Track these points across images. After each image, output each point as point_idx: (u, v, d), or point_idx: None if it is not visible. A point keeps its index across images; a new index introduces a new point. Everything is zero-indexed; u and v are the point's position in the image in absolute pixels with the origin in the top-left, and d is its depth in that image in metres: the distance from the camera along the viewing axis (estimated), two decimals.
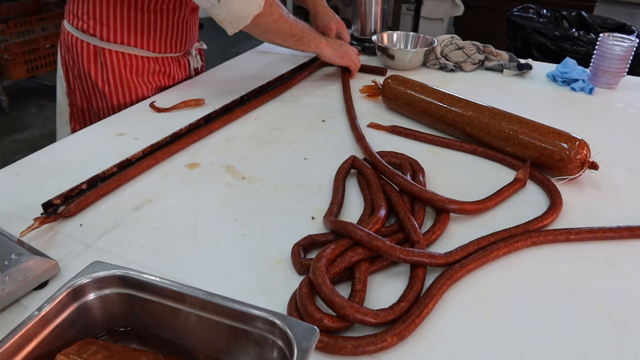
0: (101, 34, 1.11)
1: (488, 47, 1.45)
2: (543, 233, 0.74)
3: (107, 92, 1.16)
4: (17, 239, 0.67)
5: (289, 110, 1.15)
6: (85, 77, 1.16)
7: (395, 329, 0.57)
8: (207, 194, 0.83)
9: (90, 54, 1.13)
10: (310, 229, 0.75)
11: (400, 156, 0.92)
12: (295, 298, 0.61)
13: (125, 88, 1.17)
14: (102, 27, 1.11)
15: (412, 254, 0.65)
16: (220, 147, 0.98)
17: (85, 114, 1.23)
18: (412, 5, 3.47)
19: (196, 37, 1.31)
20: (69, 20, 1.15)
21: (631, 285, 0.68)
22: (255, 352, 0.49)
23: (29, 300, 0.61)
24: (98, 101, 1.18)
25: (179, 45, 1.22)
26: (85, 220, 0.76)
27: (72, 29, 1.14)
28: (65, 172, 0.86)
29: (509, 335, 0.59)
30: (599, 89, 1.31)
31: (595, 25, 2.65)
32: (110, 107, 1.18)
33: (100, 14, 1.10)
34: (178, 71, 1.26)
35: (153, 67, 1.19)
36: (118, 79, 1.15)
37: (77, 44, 1.14)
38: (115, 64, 1.14)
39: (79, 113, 1.23)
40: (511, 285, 0.67)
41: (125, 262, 0.67)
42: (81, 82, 1.18)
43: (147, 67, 1.18)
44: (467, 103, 1.00)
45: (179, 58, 1.26)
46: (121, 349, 0.50)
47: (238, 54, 1.54)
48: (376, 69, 1.38)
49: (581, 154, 0.85)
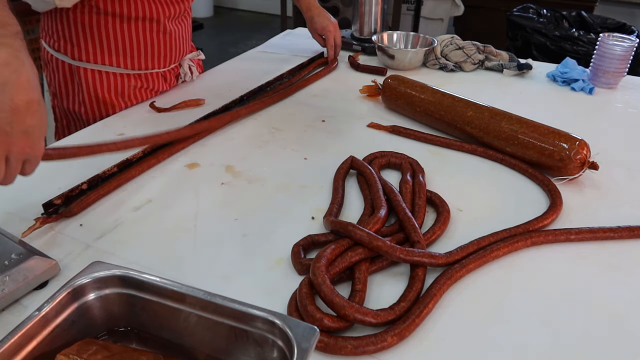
0: (72, 53, 1.04)
1: (488, 47, 1.45)
2: (543, 233, 0.74)
3: (83, 114, 1.09)
4: (17, 239, 0.67)
5: (289, 110, 1.15)
6: (60, 96, 1.10)
7: (395, 329, 0.57)
8: (207, 194, 0.83)
9: (66, 72, 1.06)
10: (310, 229, 0.75)
11: (400, 156, 0.92)
12: (295, 298, 0.61)
13: (102, 109, 1.09)
14: (74, 47, 1.03)
15: (412, 254, 0.65)
16: (220, 147, 0.98)
17: (66, 132, 1.15)
18: (412, 5, 3.47)
19: (187, 49, 1.22)
20: (43, 37, 1.08)
21: (631, 285, 0.68)
22: (255, 352, 0.49)
23: (29, 300, 0.61)
24: (76, 122, 1.12)
25: (161, 60, 1.13)
26: (85, 220, 0.76)
27: (47, 46, 1.07)
28: (65, 172, 0.86)
29: (509, 335, 0.59)
30: (599, 89, 1.31)
31: (595, 25, 2.65)
32: None
33: (69, 33, 1.02)
34: (164, 85, 1.18)
35: (134, 84, 1.11)
36: (94, 100, 1.07)
37: (52, 61, 1.07)
38: (91, 83, 1.06)
39: (63, 130, 1.16)
40: (511, 285, 0.67)
41: (125, 262, 0.67)
42: (60, 100, 1.11)
43: (127, 83, 1.10)
44: (467, 103, 1.00)
45: (164, 73, 1.17)
46: (121, 349, 0.50)
47: (238, 54, 1.54)
48: (376, 69, 1.38)
49: (581, 154, 0.85)
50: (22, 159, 0.61)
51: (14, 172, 0.61)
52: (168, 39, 1.11)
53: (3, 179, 0.61)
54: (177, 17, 1.11)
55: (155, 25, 1.07)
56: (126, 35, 1.04)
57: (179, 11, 1.11)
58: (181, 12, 1.12)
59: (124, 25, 1.03)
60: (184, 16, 1.15)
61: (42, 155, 0.64)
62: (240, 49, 3.96)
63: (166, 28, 1.09)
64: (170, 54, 1.14)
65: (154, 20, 1.05)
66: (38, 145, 0.62)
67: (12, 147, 0.58)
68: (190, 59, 1.23)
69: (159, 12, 1.05)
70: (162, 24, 1.07)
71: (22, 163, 0.61)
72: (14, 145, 0.58)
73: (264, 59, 1.48)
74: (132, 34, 1.04)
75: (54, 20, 1.03)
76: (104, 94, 1.08)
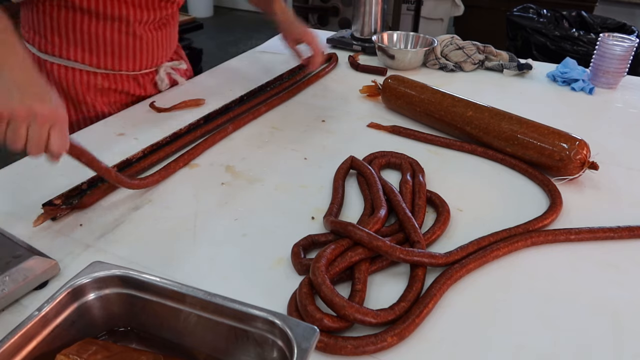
0: (40, 45, 1.02)
1: (488, 47, 1.45)
2: (543, 233, 0.74)
3: None
4: (17, 239, 0.67)
5: (289, 110, 1.15)
6: None
7: (395, 329, 0.57)
8: (207, 194, 0.83)
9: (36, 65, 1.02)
10: (310, 229, 0.75)
11: (400, 156, 0.92)
12: (295, 298, 0.61)
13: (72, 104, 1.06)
14: (42, 39, 1.01)
15: (412, 254, 0.65)
16: (220, 147, 0.98)
17: None
18: (412, 5, 3.47)
19: (166, 57, 1.17)
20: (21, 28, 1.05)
21: (631, 285, 0.68)
22: (255, 352, 0.49)
23: (29, 300, 0.61)
24: None
25: (130, 63, 1.08)
26: (85, 220, 0.76)
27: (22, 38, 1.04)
28: (65, 172, 0.86)
29: (509, 335, 0.59)
30: (599, 89, 1.31)
31: (595, 25, 2.66)
32: None
33: (38, 25, 1.00)
34: (137, 89, 1.14)
35: (101, 83, 1.07)
36: (61, 94, 1.03)
37: None
38: (57, 77, 1.04)
39: None
40: (511, 285, 0.67)
41: (125, 262, 0.67)
42: None
43: (93, 82, 1.07)
44: (467, 103, 1.00)
45: (137, 77, 1.13)
46: (121, 349, 0.50)
47: (238, 54, 1.54)
48: (376, 69, 1.38)
49: (581, 154, 0.85)
50: (46, 125, 0.63)
51: (38, 140, 0.63)
52: (138, 42, 1.07)
53: (30, 147, 0.63)
54: (152, 23, 1.08)
55: (125, 27, 1.03)
56: (93, 33, 1.01)
57: (155, 18, 1.07)
58: (158, 19, 1.09)
59: (92, 22, 1.00)
60: (164, 24, 1.12)
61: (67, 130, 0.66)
62: (240, 49, 3.96)
63: (136, 31, 1.05)
64: (141, 58, 1.09)
65: (123, 21, 1.02)
66: (56, 110, 0.65)
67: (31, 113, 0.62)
68: (170, 67, 1.19)
69: (129, 14, 1.02)
70: (131, 26, 1.04)
71: (47, 131, 0.63)
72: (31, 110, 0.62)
73: (264, 59, 1.48)
74: (100, 32, 1.02)
75: (27, 11, 1.02)
76: (70, 89, 1.05)
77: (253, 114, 1.08)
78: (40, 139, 0.63)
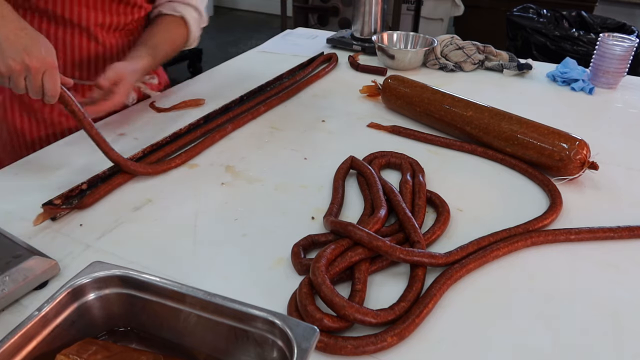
0: None
1: (488, 47, 1.45)
2: (543, 233, 0.74)
3: (9, 120, 1.01)
4: (17, 238, 0.67)
5: (289, 110, 1.15)
6: None
7: (395, 329, 0.57)
8: (207, 194, 0.83)
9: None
10: (310, 229, 0.75)
11: (400, 156, 0.92)
12: (295, 298, 0.61)
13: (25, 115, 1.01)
14: None
15: (412, 254, 0.65)
16: (220, 147, 0.98)
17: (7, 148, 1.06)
18: (412, 5, 3.47)
19: None
20: None
21: (631, 285, 0.68)
22: (255, 352, 0.49)
23: (29, 300, 0.61)
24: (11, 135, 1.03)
25: (92, 72, 1.03)
26: (85, 220, 0.76)
27: None
28: (65, 172, 0.86)
29: (509, 335, 0.59)
30: (599, 89, 1.31)
31: (595, 25, 2.66)
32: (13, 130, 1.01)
33: None
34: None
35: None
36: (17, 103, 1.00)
37: None
38: None
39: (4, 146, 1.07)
40: (511, 285, 0.67)
41: (125, 262, 0.67)
42: None
43: None
44: (467, 103, 1.00)
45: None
46: (121, 349, 0.50)
47: (238, 54, 1.53)
48: (376, 69, 1.38)
49: (581, 154, 0.85)
50: (38, 74, 0.75)
51: (35, 88, 0.76)
52: (101, 49, 1.03)
53: (30, 94, 0.77)
54: (116, 30, 1.04)
55: (86, 32, 0.99)
56: (52, 35, 0.97)
57: (118, 23, 1.03)
58: (122, 27, 1.05)
59: (51, 25, 0.97)
60: (131, 32, 1.08)
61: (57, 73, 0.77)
62: (240, 49, 3.96)
63: (98, 37, 1.01)
64: (104, 67, 0.97)
65: (83, 24, 0.98)
66: (45, 59, 0.75)
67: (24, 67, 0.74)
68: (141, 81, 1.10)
69: (89, 17, 0.98)
70: (92, 31, 1.00)
71: (41, 78, 0.75)
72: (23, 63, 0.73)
73: (264, 59, 1.48)
74: (59, 35, 0.98)
75: None
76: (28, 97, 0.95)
77: (253, 114, 1.09)
78: (36, 87, 0.76)
